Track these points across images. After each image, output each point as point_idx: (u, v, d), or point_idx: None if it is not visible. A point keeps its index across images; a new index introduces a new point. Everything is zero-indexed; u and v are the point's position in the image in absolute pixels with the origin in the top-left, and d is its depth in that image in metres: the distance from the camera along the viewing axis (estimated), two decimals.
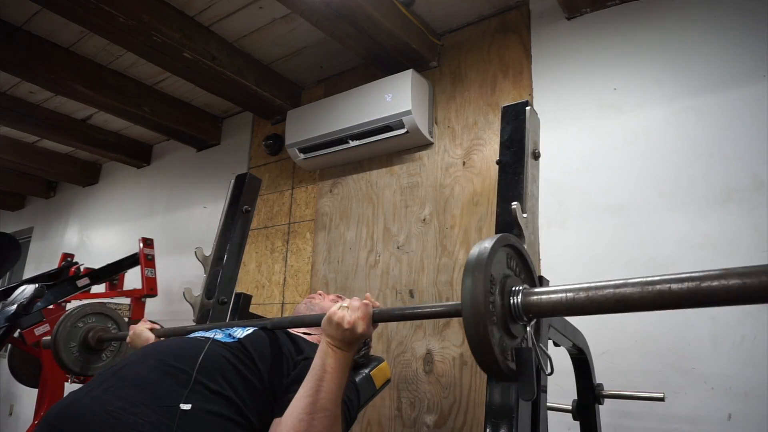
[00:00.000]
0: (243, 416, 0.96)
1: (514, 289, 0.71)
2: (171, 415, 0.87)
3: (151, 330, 1.44)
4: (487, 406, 0.88)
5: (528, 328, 0.71)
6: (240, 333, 1.12)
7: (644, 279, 0.62)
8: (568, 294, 0.66)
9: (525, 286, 0.72)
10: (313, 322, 1.03)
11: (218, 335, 1.11)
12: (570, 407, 1.43)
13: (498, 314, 0.67)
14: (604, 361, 1.58)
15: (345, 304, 0.97)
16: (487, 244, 0.68)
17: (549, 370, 0.74)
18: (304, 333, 1.35)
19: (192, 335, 1.14)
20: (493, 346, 0.63)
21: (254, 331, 1.14)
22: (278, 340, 1.15)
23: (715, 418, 1.48)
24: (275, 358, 1.08)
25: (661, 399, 1.35)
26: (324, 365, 0.94)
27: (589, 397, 1.40)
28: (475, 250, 0.67)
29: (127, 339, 1.49)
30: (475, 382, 1.96)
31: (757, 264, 0.55)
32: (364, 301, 0.97)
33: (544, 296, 0.69)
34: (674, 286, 0.61)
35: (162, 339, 1.33)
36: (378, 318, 0.96)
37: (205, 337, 1.10)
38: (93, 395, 0.90)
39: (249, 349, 1.06)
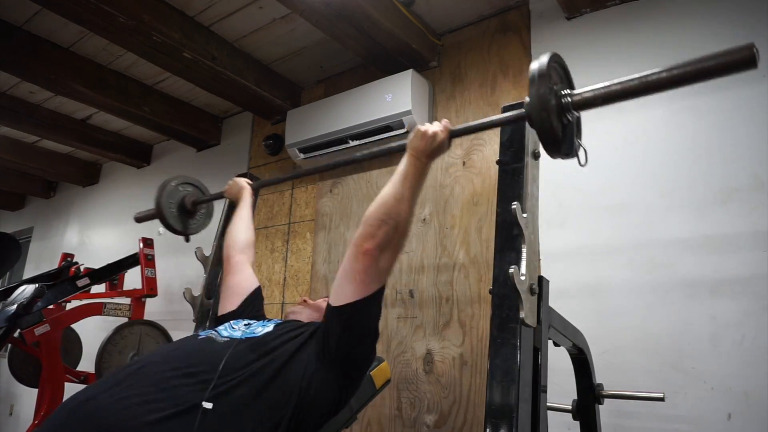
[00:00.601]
0: (268, 413, 0.95)
1: (563, 92, 0.96)
2: (192, 414, 0.86)
3: (248, 183, 1.67)
4: (488, 405, 0.88)
5: (574, 117, 0.97)
6: (261, 331, 1.13)
7: (660, 68, 0.93)
8: (603, 89, 0.94)
9: (568, 90, 0.97)
10: (400, 147, 1.20)
11: (239, 333, 1.12)
12: (570, 407, 1.43)
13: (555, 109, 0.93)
14: (604, 361, 1.58)
15: (428, 124, 1.14)
16: (544, 59, 0.93)
17: (584, 161, 1.04)
18: (300, 320, 1.35)
19: (208, 335, 1.13)
20: (554, 127, 0.91)
21: (274, 327, 1.14)
22: (292, 330, 1.14)
23: (715, 418, 1.48)
24: (296, 350, 1.08)
25: (661, 399, 1.35)
26: (406, 171, 1.09)
27: (589, 397, 1.41)
28: (535, 65, 0.91)
29: (225, 188, 1.72)
30: (475, 382, 1.96)
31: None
32: (444, 121, 1.16)
33: (585, 94, 0.95)
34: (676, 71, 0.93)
35: (180, 339, 1.32)
36: (455, 132, 1.15)
37: (228, 337, 1.10)
38: (112, 392, 0.88)
39: (271, 344, 1.06)
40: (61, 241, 4.47)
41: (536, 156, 1.12)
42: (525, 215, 0.98)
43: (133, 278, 3.16)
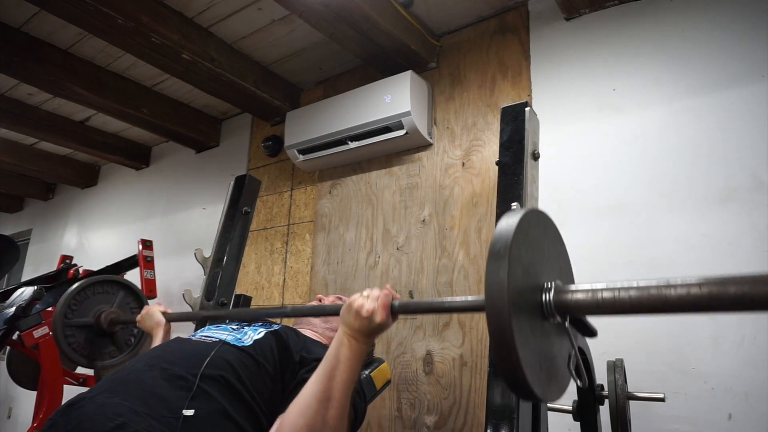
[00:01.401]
0: (249, 422, 0.95)
1: (547, 284, 0.64)
2: (174, 422, 0.86)
3: (163, 313, 1.43)
4: (488, 406, 0.88)
5: (567, 325, 0.64)
6: (250, 336, 1.12)
7: (691, 280, 0.57)
8: (609, 293, 0.61)
9: (557, 281, 0.65)
10: (333, 310, 1.01)
11: (228, 337, 1.11)
12: (570, 408, 1.43)
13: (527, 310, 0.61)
14: (604, 362, 1.58)
15: (365, 294, 0.94)
16: (513, 222, 0.61)
17: (581, 383, 0.69)
18: (311, 332, 1.35)
19: (200, 337, 1.13)
20: (519, 351, 0.55)
21: (265, 334, 1.13)
22: (288, 342, 1.14)
23: (715, 418, 1.48)
24: (284, 362, 1.07)
25: (661, 399, 1.35)
26: (338, 355, 0.91)
27: (589, 398, 1.40)
28: (502, 225, 0.61)
29: (138, 317, 1.48)
30: (475, 382, 1.96)
31: (757, 266, 0.54)
32: (384, 291, 0.94)
33: (579, 295, 0.62)
34: (725, 289, 0.54)
35: (169, 341, 1.32)
36: (398, 309, 0.92)
37: (216, 339, 1.09)
38: (97, 401, 0.89)
39: (259, 353, 1.05)
40: (60, 243, 4.46)
41: (536, 157, 1.12)
42: None
43: (132, 280, 3.15)
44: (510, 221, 0.60)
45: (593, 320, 1.05)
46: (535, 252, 0.65)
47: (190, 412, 0.88)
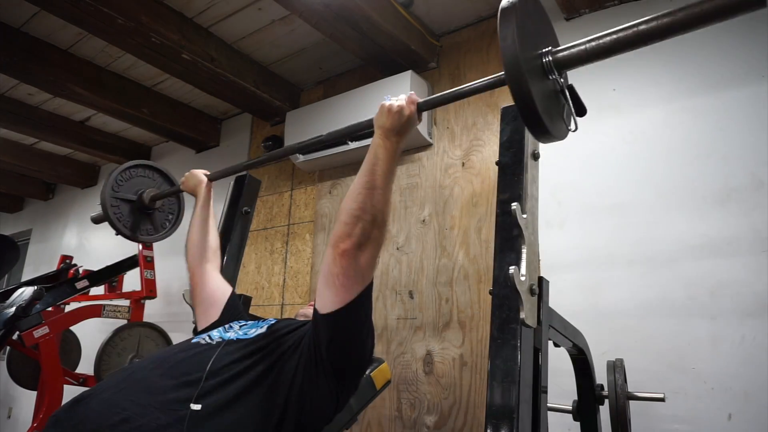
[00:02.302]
0: (259, 412, 0.95)
1: (543, 50, 0.81)
2: (181, 416, 0.86)
3: (205, 174, 1.57)
4: (488, 406, 0.88)
5: (560, 82, 0.82)
6: (254, 332, 1.12)
7: (648, 17, 0.76)
8: (594, 42, 0.78)
9: (550, 47, 0.81)
10: (365, 125, 1.12)
11: (233, 335, 1.11)
12: (570, 408, 1.43)
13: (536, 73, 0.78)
14: (604, 362, 1.58)
15: (393, 98, 1.04)
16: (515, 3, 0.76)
17: (573, 127, 0.87)
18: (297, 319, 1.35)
19: (203, 339, 1.13)
20: (532, 93, 0.73)
21: (267, 327, 1.13)
22: (291, 326, 1.14)
23: (715, 418, 1.48)
24: (292, 343, 1.07)
25: (662, 399, 1.35)
26: (376, 154, 1.00)
27: (589, 398, 1.40)
28: (505, 9, 0.76)
29: (181, 179, 1.60)
30: (475, 382, 1.96)
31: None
32: (410, 93, 1.05)
33: (571, 50, 0.79)
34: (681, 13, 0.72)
35: (173, 345, 1.32)
36: (423, 105, 1.03)
37: (220, 339, 1.09)
38: (102, 397, 0.90)
39: (264, 343, 1.05)
40: (60, 243, 4.46)
41: (536, 157, 1.12)
42: (525, 216, 0.98)
43: (132, 280, 3.15)
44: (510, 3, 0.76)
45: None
46: (534, 27, 0.82)
47: (197, 407, 0.88)
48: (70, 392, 1.48)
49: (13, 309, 2.31)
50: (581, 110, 0.87)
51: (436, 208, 2.26)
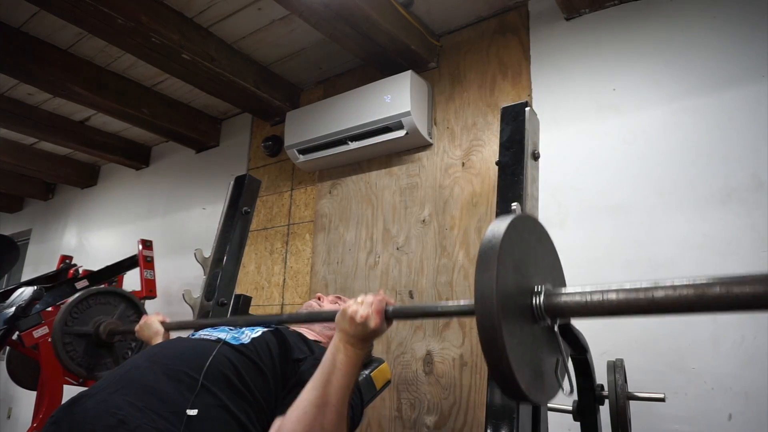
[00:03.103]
0: (251, 420, 0.95)
1: (537, 288, 0.65)
2: (177, 420, 0.86)
3: (162, 323, 1.43)
4: (488, 406, 0.88)
5: (556, 330, 0.65)
6: (248, 335, 1.12)
7: (676, 282, 0.58)
8: (599, 296, 0.62)
9: (547, 285, 0.65)
10: (328, 317, 1.03)
11: (227, 336, 1.11)
12: (570, 408, 1.42)
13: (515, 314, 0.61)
14: (604, 362, 1.58)
15: (360, 300, 0.95)
16: (501, 228, 0.60)
17: (568, 390, 0.69)
18: (308, 331, 1.35)
19: (199, 335, 1.13)
20: (509, 354, 0.55)
21: (263, 333, 1.13)
22: (287, 340, 1.14)
23: (715, 418, 1.48)
24: (283, 360, 1.07)
25: (662, 399, 1.35)
26: (334, 361, 0.91)
27: (589, 398, 1.40)
28: (490, 233, 0.60)
29: (136, 328, 1.48)
30: (475, 382, 1.96)
31: (757, 266, 0.55)
32: (378, 297, 0.95)
33: (568, 298, 0.63)
34: (709, 291, 0.56)
35: (169, 339, 1.33)
36: (392, 314, 0.94)
37: (215, 338, 1.09)
38: (98, 398, 0.89)
39: (257, 352, 1.05)
40: (60, 243, 4.46)
41: (536, 157, 1.12)
42: None
43: (132, 280, 3.16)
44: (499, 226, 0.61)
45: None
46: (526, 256, 0.66)
47: (193, 412, 0.88)
48: (70, 392, 1.48)
49: (13, 309, 2.31)
50: (579, 347, 0.70)
51: (436, 208, 2.25)
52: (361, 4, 1.98)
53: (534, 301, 0.64)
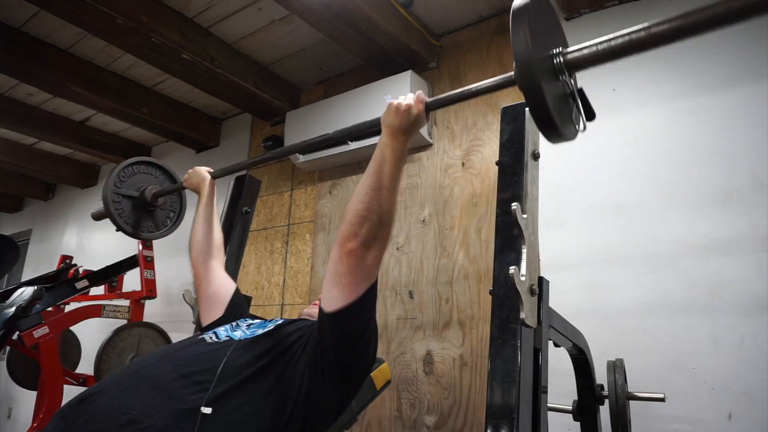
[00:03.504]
0: (269, 415, 0.94)
1: (554, 51, 0.80)
2: (191, 419, 0.85)
3: (209, 172, 1.57)
4: (488, 406, 0.88)
5: (570, 84, 0.82)
6: (262, 331, 1.11)
7: (671, 16, 0.71)
8: (605, 43, 0.77)
9: (560, 48, 0.81)
10: (372, 123, 1.13)
11: (240, 335, 1.10)
12: (570, 408, 1.43)
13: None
14: (604, 362, 1.58)
15: (401, 98, 1.05)
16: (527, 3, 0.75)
17: (582, 128, 0.87)
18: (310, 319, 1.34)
19: (209, 336, 1.12)
20: (544, 94, 0.73)
21: (275, 326, 1.13)
22: (299, 324, 1.14)
23: (715, 418, 1.48)
24: (299, 344, 1.07)
25: (662, 399, 1.35)
26: (383, 153, 1.01)
27: (589, 398, 1.40)
28: (518, 9, 0.75)
29: (185, 176, 1.60)
30: (475, 382, 1.96)
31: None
32: (418, 92, 1.06)
33: (582, 51, 0.79)
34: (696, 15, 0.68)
35: (181, 341, 1.32)
36: (431, 105, 1.04)
37: (228, 338, 1.08)
38: (109, 396, 0.88)
39: (272, 342, 1.05)
40: (60, 243, 4.46)
41: (536, 157, 1.12)
42: (525, 216, 0.98)
43: (132, 280, 3.15)
44: (523, 1, 0.76)
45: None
46: (543, 27, 0.81)
47: (207, 410, 0.87)
48: (70, 392, 1.48)
49: (13, 309, 2.30)
50: (590, 114, 0.88)
51: (436, 208, 2.25)
52: (361, 4, 1.98)
53: (555, 61, 0.79)
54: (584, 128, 0.88)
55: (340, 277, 0.99)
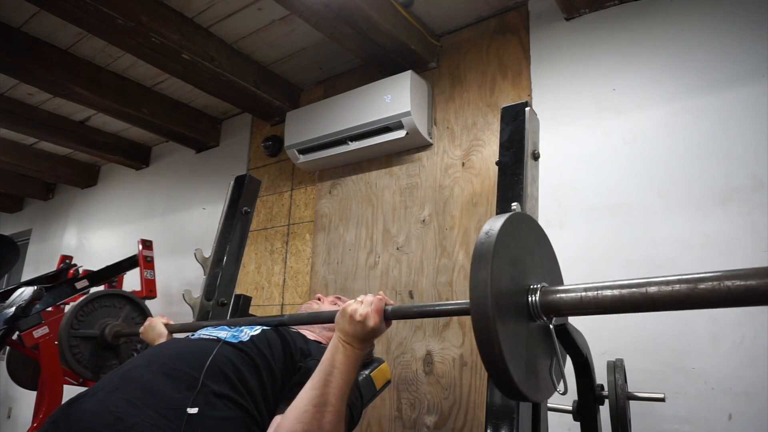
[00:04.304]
0: (251, 418, 0.95)
1: (533, 285, 0.64)
2: (178, 418, 0.86)
3: (165, 325, 1.46)
4: (488, 406, 0.88)
5: (551, 328, 0.64)
6: (247, 333, 1.12)
7: (669, 277, 0.60)
8: (593, 292, 0.61)
9: (543, 283, 0.65)
10: (328, 318, 1.04)
11: (226, 335, 1.11)
12: (570, 408, 1.42)
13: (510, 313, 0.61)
14: (604, 362, 1.58)
15: (359, 299, 0.96)
16: (496, 226, 0.60)
17: (562, 389, 0.68)
18: (308, 331, 1.35)
19: (199, 336, 1.13)
20: (503, 351, 0.56)
21: (263, 330, 1.13)
22: (287, 339, 1.14)
23: (715, 418, 1.48)
24: (284, 358, 1.07)
25: (662, 399, 1.35)
26: (333, 361, 0.92)
27: (589, 398, 1.40)
28: (486, 230, 0.60)
29: (141, 329, 1.50)
30: (475, 382, 1.96)
31: (757, 265, 0.54)
32: (378, 296, 0.96)
33: (566, 294, 0.63)
34: (702, 285, 0.57)
35: (171, 339, 1.33)
36: (391, 314, 0.94)
37: (215, 338, 1.09)
38: (97, 397, 0.89)
39: (257, 349, 1.05)
40: (60, 243, 4.46)
41: (536, 157, 1.12)
42: None
43: (132, 280, 3.15)
44: (495, 223, 0.61)
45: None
46: (522, 254, 0.65)
47: (194, 411, 0.88)
48: (70, 392, 1.48)
49: (13, 309, 2.30)
50: (575, 349, 0.70)
51: (436, 208, 2.25)
52: (361, 4, 1.98)
53: (530, 299, 0.64)
54: (564, 390, 0.69)
55: None
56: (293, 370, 1.07)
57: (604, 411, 1.41)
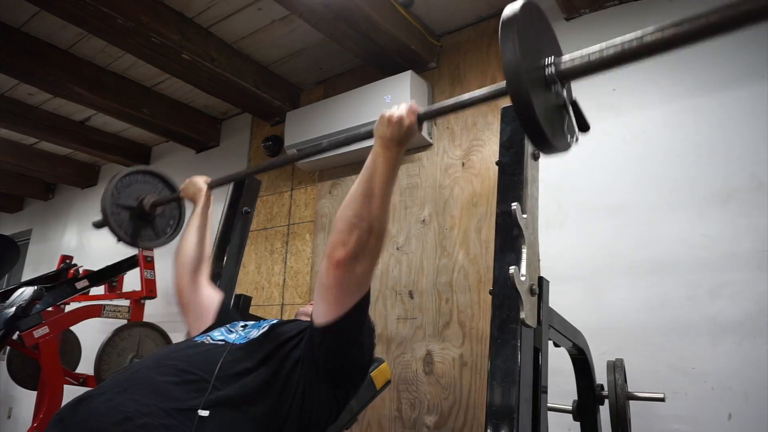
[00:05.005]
0: (264, 420, 0.95)
1: (547, 61, 0.80)
2: (188, 420, 0.86)
3: (206, 182, 1.54)
4: (488, 406, 0.88)
5: (563, 95, 0.81)
6: (256, 332, 1.12)
7: (663, 24, 0.74)
8: (597, 53, 0.76)
9: (553, 57, 0.80)
10: (366, 133, 1.10)
11: (235, 337, 1.10)
12: (570, 407, 1.43)
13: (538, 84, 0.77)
14: (604, 362, 1.58)
15: (394, 108, 1.02)
16: (517, 6, 0.75)
17: (581, 132, 0.85)
18: (306, 318, 1.34)
19: (206, 338, 1.12)
20: (537, 113, 0.73)
21: (269, 327, 1.13)
22: (294, 325, 1.14)
23: (715, 418, 1.48)
24: (295, 359, 1.07)
25: (662, 399, 1.35)
26: (375, 164, 0.98)
27: (589, 398, 1.40)
28: (508, 16, 0.74)
29: (181, 186, 1.58)
30: (475, 382, 1.96)
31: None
32: (411, 102, 1.03)
33: (574, 61, 0.78)
34: (694, 23, 0.70)
35: (177, 343, 1.32)
36: (424, 115, 1.01)
37: (223, 341, 1.08)
38: (105, 397, 0.89)
39: (267, 348, 1.05)
40: (60, 243, 4.46)
41: (536, 157, 1.12)
42: (525, 216, 0.98)
43: (132, 280, 3.16)
44: (512, 9, 0.75)
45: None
46: (536, 36, 0.80)
47: (205, 413, 0.88)
48: (70, 392, 1.48)
49: (13, 309, 2.30)
50: (584, 125, 0.86)
51: (436, 208, 2.26)
52: (361, 4, 1.98)
53: (546, 72, 0.78)
54: (577, 140, 0.86)
55: (327, 291, 0.97)
56: (309, 347, 1.05)
57: (604, 411, 1.41)
